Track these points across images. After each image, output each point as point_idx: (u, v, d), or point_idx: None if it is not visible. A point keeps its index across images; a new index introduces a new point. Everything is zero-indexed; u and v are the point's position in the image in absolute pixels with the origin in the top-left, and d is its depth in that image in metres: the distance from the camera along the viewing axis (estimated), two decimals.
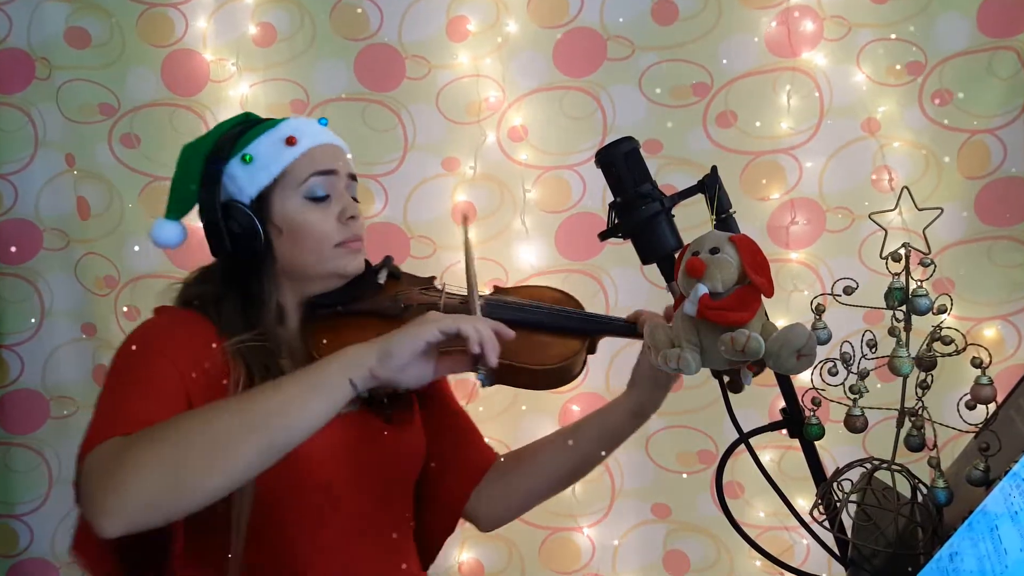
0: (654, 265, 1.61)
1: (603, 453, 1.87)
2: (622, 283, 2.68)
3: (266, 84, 2.71)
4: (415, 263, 2.66)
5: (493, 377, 1.56)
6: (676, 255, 1.52)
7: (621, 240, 1.62)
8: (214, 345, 1.60)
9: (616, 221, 1.60)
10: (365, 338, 1.62)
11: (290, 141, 1.68)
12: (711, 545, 2.75)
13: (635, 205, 1.57)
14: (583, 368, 1.76)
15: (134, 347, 1.56)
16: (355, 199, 1.76)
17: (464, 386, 2.56)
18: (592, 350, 1.80)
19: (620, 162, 1.58)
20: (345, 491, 1.64)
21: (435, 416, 1.88)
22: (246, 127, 1.74)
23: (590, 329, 1.78)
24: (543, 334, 1.75)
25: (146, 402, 1.46)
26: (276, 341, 1.67)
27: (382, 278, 1.79)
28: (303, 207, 1.67)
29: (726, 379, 1.49)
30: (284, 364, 1.64)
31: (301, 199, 1.67)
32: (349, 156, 1.79)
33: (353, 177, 1.77)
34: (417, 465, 1.82)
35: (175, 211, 1.77)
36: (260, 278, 1.68)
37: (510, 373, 1.68)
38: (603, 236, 1.64)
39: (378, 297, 1.77)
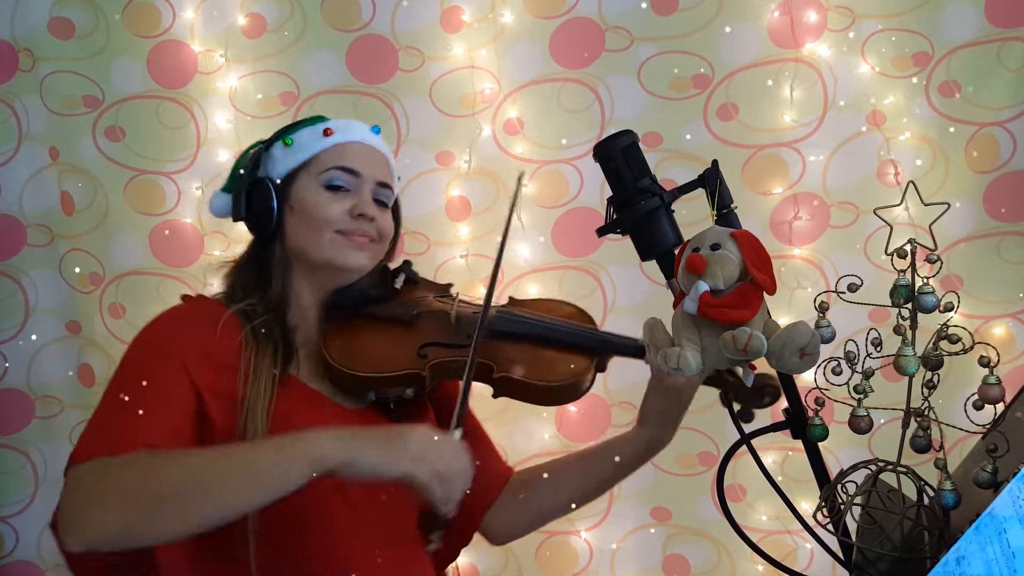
0: (653, 262, 1.61)
1: (615, 482, 1.94)
2: (620, 280, 2.68)
3: (255, 76, 2.71)
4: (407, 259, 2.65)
5: (442, 541, 1.63)
6: (676, 251, 1.52)
7: (619, 236, 1.62)
8: (231, 333, 1.67)
9: (614, 216, 1.60)
10: (378, 343, 1.73)
11: (327, 132, 1.80)
12: (712, 549, 2.75)
13: (634, 200, 1.57)
14: (591, 386, 1.77)
15: (144, 345, 1.64)
16: (383, 203, 1.83)
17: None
18: (602, 368, 1.81)
19: (619, 156, 1.58)
20: (357, 491, 1.66)
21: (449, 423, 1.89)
22: (303, 121, 1.87)
23: (601, 348, 1.80)
24: (552, 350, 1.78)
25: (143, 420, 1.51)
26: (286, 319, 1.75)
27: (399, 283, 1.86)
28: (318, 191, 1.76)
29: (736, 407, 1.51)
30: (296, 344, 1.74)
31: (319, 185, 1.76)
32: (392, 168, 1.88)
33: (384, 185, 1.84)
34: None
35: (229, 185, 1.87)
36: (274, 254, 1.78)
37: (516, 388, 1.71)
38: (601, 232, 1.64)
39: (393, 302, 1.82)
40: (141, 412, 1.51)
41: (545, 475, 1.95)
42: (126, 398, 1.54)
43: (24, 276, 2.84)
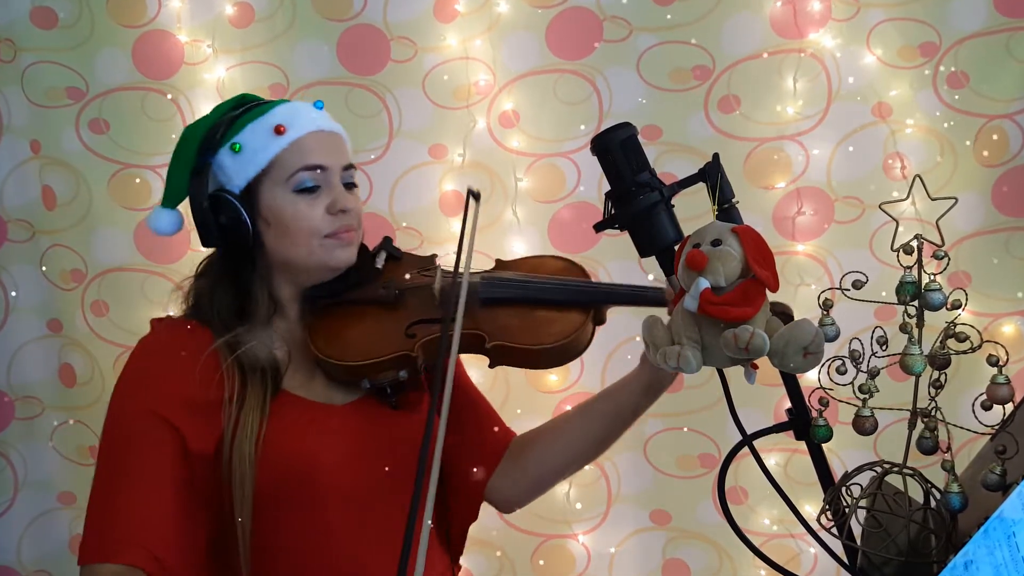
0: (653, 258, 1.61)
1: (619, 431, 1.91)
2: (619, 277, 2.67)
3: (244, 67, 2.70)
4: None
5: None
6: (676, 247, 1.51)
7: (618, 232, 1.62)
8: (209, 358, 1.68)
9: (612, 211, 1.60)
10: (363, 329, 1.73)
11: (278, 130, 1.71)
12: (713, 553, 2.75)
13: (633, 195, 1.57)
14: (591, 341, 1.78)
15: (122, 407, 1.67)
16: (354, 184, 1.81)
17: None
18: (600, 321, 1.81)
19: (617, 149, 1.58)
20: (350, 478, 1.69)
21: (451, 401, 1.89)
22: (240, 112, 1.78)
23: (595, 300, 1.80)
24: (543, 309, 1.77)
25: (139, 506, 1.57)
26: (268, 334, 1.75)
27: (380, 262, 1.84)
28: (291, 199, 1.71)
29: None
30: (280, 356, 1.72)
31: (290, 192, 1.71)
32: (347, 143, 1.83)
33: (349, 167, 1.80)
34: None
35: (170, 199, 1.81)
36: (251, 270, 1.75)
37: (509, 354, 1.71)
38: (599, 227, 1.64)
39: (374, 284, 1.81)
40: (132, 498, 1.58)
41: (545, 433, 1.95)
42: (115, 480, 1.60)
43: (4, 272, 2.83)
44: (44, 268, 2.80)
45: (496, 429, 1.99)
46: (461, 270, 1.63)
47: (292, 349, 1.77)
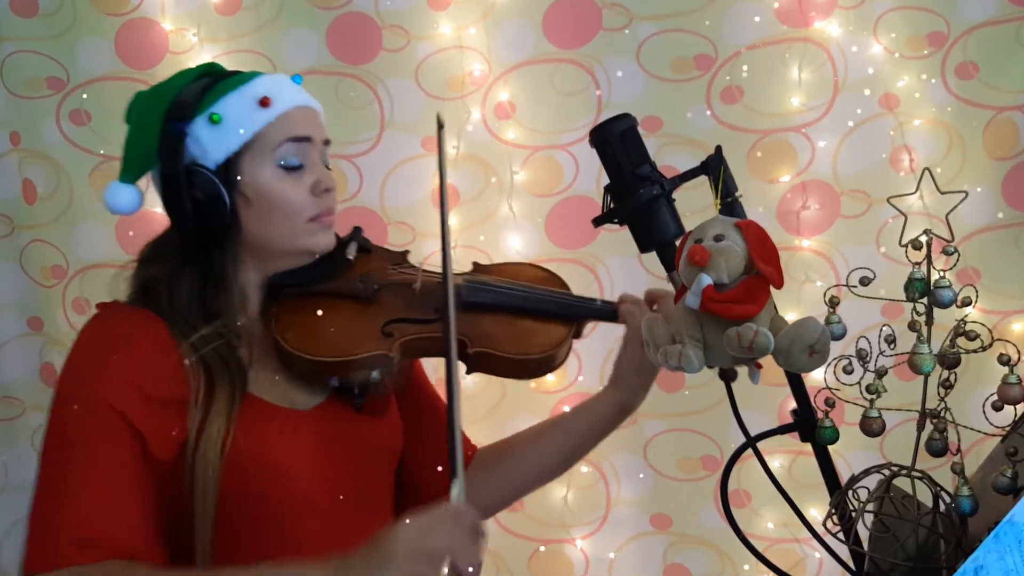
0: (653, 254, 1.61)
1: (589, 447, 1.91)
2: (618, 273, 2.68)
3: (230, 56, 2.69)
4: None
5: None
6: (677, 243, 1.52)
7: (617, 226, 1.62)
8: (167, 352, 1.57)
9: (612, 206, 1.61)
10: (338, 324, 1.67)
11: (264, 102, 1.64)
12: (715, 559, 2.76)
13: (633, 188, 1.57)
14: (568, 355, 1.77)
15: (70, 399, 1.54)
16: (328, 167, 1.74)
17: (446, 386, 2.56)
18: (578, 335, 1.81)
19: (616, 141, 1.58)
20: (317, 488, 1.64)
21: (412, 406, 1.89)
22: (212, 80, 1.70)
23: (578, 314, 1.80)
24: (527, 319, 1.76)
25: (90, 503, 1.47)
26: (237, 330, 1.65)
27: (351, 253, 1.78)
28: (275, 176, 1.64)
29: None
30: (243, 354, 1.64)
31: (274, 167, 1.64)
32: (323, 119, 1.77)
33: (327, 142, 1.74)
34: (394, 456, 1.83)
35: (131, 173, 1.72)
36: (223, 254, 1.66)
37: (490, 362, 1.70)
38: (598, 222, 1.64)
39: (348, 275, 1.75)
40: (84, 495, 1.47)
41: (513, 448, 1.93)
42: (65, 478, 1.49)
43: None
44: (24, 264, 2.79)
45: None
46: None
47: (253, 345, 1.67)
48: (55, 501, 1.48)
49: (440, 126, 1.78)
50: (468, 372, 1.74)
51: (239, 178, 1.63)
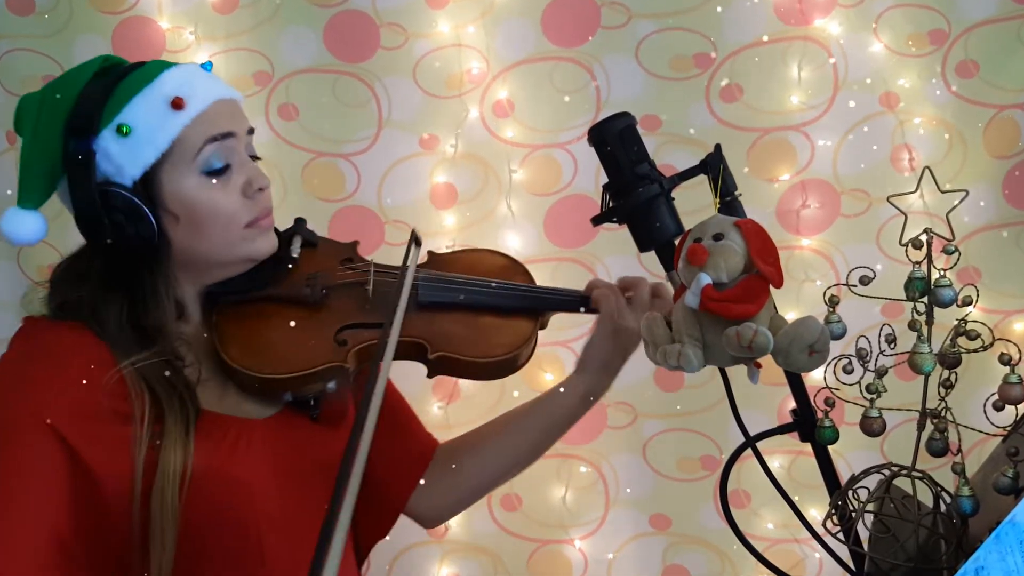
0: (652, 253, 1.61)
1: (555, 437, 1.87)
2: (617, 272, 2.64)
3: (227, 55, 2.69)
4: (390, 250, 2.64)
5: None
6: (676, 242, 1.52)
7: (616, 225, 1.62)
8: (104, 368, 1.46)
9: (611, 204, 1.60)
10: (286, 335, 1.57)
11: (177, 104, 1.48)
12: (714, 559, 2.75)
13: (632, 187, 1.57)
14: (533, 351, 1.74)
15: None
16: (256, 156, 1.62)
17: (445, 386, 2.56)
18: (543, 326, 1.77)
19: (615, 140, 1.58)
20: (275, 502, 1.57)
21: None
22: (112, 80, 1.52)
23: (543, 306, 1.76)
24: (491, 316, 1.71)
25: (6, 543, 1.33)
26: (177, 352, 1.54)
27: (296, 250, 1.69)
28: (201, 185, 1.51)
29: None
30: (189, 373, 1.55)
31: (197, 175, 1.51)
32: (243, 105, 1.64)
33: (250, 131, 1.61)
34: None
35: (33, 197, 1.57)
36: (152, 274, 1.52)
37: (452, 366, 1.65)
38: (596, 221, 1.64)
39: (293, 277, 1.66)
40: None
41: (477, 441, 1.89)
42: None
43: None
44: (22, 263, 2.79)
45: (418, 436, 1.91)
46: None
47: (198, 357, 1.57)
48: None
49: (415, 242, 1.64)
50: (429, 375, 1.69)
51: (161, 193, 1.50)
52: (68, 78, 1.54)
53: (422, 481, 1.86)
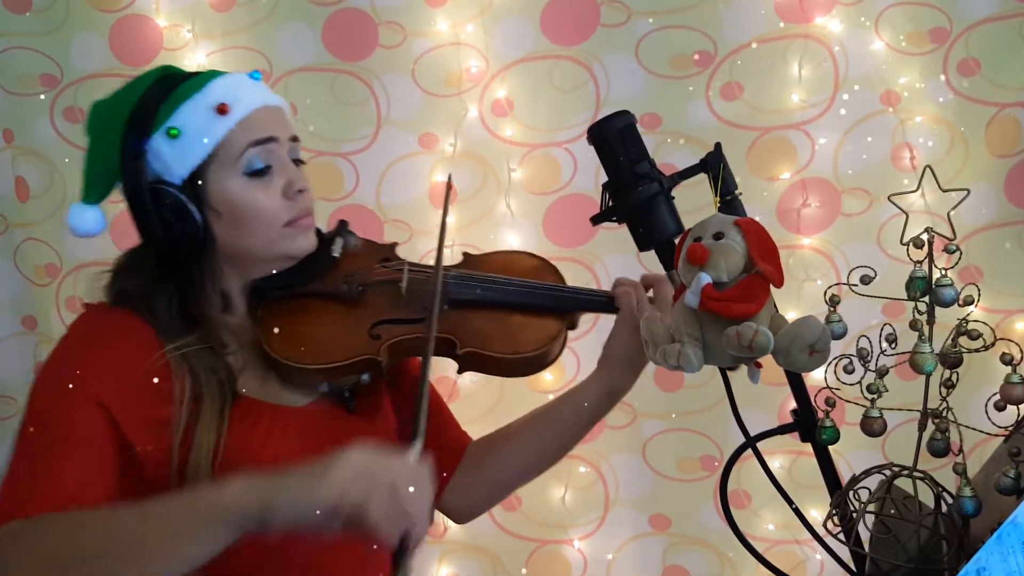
0: (652, 252, 1.61)
1: (579, 436, 1.88)
2: (617, 271, 2.66)
3: (225, 53, 2.69)
4: None
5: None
6: (676, 241, 1.51)
7: (616, 224, 1.62)
8: (152, 352, 1.55)
9: (610, 203, 1.60)
10: (324, 328, 1.66)
11: (222, 109, 1.59)
12: (714, 560, 2.75)
13: (631, 186, 1.56)
14: (563, 349, 1.76)
15: (53, 381, 1.52)
16: (300, 161, 1.71)
17: (443, 384, 2.55)
18: (572, 326, 1.79)
19: (615, 139, 1.57)
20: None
21: (406, 401, 1.86)
22: (167, 88, 1.64)
23: (572, 306, 1.78)
24: (520, 315, 1.74)
25: (62, 474, 1.44)
26: (221, 339, 1.63)
27: (337, 250, 1.75)
28: (243, 185, 1.61)
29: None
30: (232, 360, 1.62)
31: (240, 176, 1.61)
32: (288, 116, 1.73)
33: (295, 139, 1.70)
34: None
35: (94, 193, 1.69)
36: (199, 267, 1.63)
37: (481, 361, 1.68)
38: (596, 220, 1.63)
39: (333, 275, 1.73)
40: (54, 465, 1.44)
41: (506, 439, 1.91)
42: (41, 448, 1.46)
43: None
44: (18, 262, 2.79)
45: (453, 431, 1.95)
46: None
47: (242, 347, 1.66)
48: (22, 473, 1.46)
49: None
50: (460, 371, 1.73)
51: (207, 192, 1.60)
52: (131, 86, 1.66)
53: (446, 474, 1.89)
